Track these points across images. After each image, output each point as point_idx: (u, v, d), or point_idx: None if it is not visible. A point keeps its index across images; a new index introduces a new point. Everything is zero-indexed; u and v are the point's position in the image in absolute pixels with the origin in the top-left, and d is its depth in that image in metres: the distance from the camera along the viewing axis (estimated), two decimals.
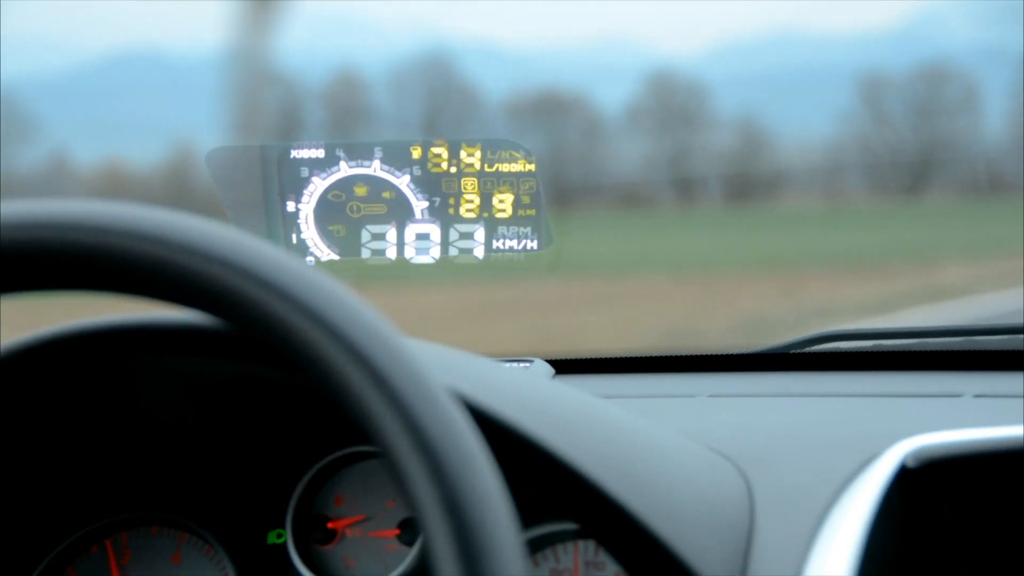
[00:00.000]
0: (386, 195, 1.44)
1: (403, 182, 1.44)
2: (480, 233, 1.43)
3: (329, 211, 1.45)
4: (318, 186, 1.45)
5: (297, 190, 1.45)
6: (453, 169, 1.43)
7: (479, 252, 1.43)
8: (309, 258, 1.45)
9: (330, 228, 1.46)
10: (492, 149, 1.42)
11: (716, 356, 1.53)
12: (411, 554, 1.07)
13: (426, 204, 1.44)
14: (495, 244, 1.43)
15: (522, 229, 1.42)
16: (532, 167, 1.42)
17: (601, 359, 1.56)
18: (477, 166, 1.42)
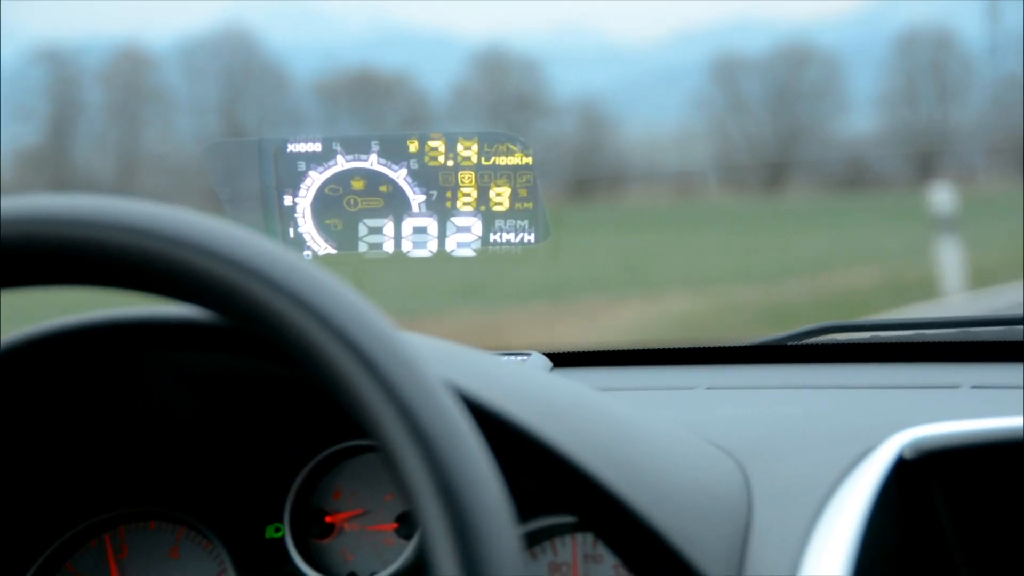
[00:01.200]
0: (383, 189, 1.44)
1: (400, 176, 1.44)
2: (477, 227, 1.43)
3: (326, 205, 1.45)
4: (315, 180, 1.45)
5: (294, 184, 1.45)
6: (450, 163, 1.43)
7: (476, 246, 1.43)
8: (306, 252, 1.45)
9: (327, 222, 1.46)
10: (489, 142, 1.42)
11: (714, 348, 1.53)
12: (409, 547, 1.07)
13: (423, 198, 1.44)
14: (492, 237, 1.43)
15: (519, 222, 1.42)
16: (529, 160, 1.42)
17: (598, 352, 1.56)
18: (474, 159, 1.42)
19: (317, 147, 1.45)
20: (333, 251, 1.46)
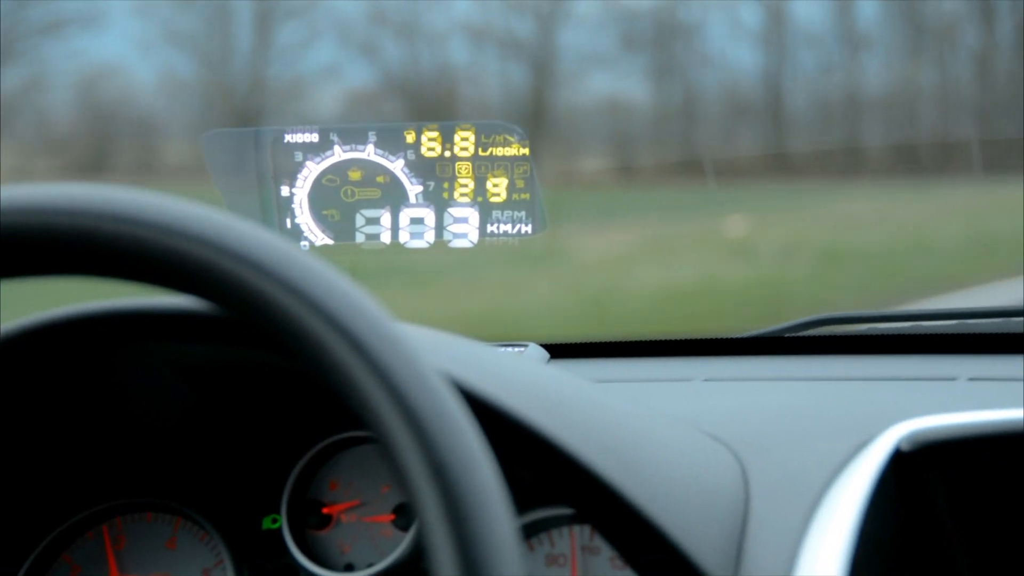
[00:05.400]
0: (380, 179, 1.44)
1: (397, 166, 1.44)
2: (474, 217, 1.43)
3: (323, 195, 1.45)
4: (312, 170, 1.45)
5: (291, 174, 1.45)
6: (447, 153, 1.43)
7: (473, 236, 1.43)
8: (303, 243, 1.45)
9: (324, 213, 1.46)
10: (486, 133, 1.42)
11: (711, 340, 1.53)
12: (406, 539, 1.07)
13: (420, 188, 1.44)
14: (489, 228, 1.43)
15: (516, 213, 1.42)
16: (526, 151, 1.42)
17: (596, 343, 1.56)
18: (471, 150, 1.42)
19: (314, 137, 1.44)
20: (330, 242, 1.46)
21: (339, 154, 1.44)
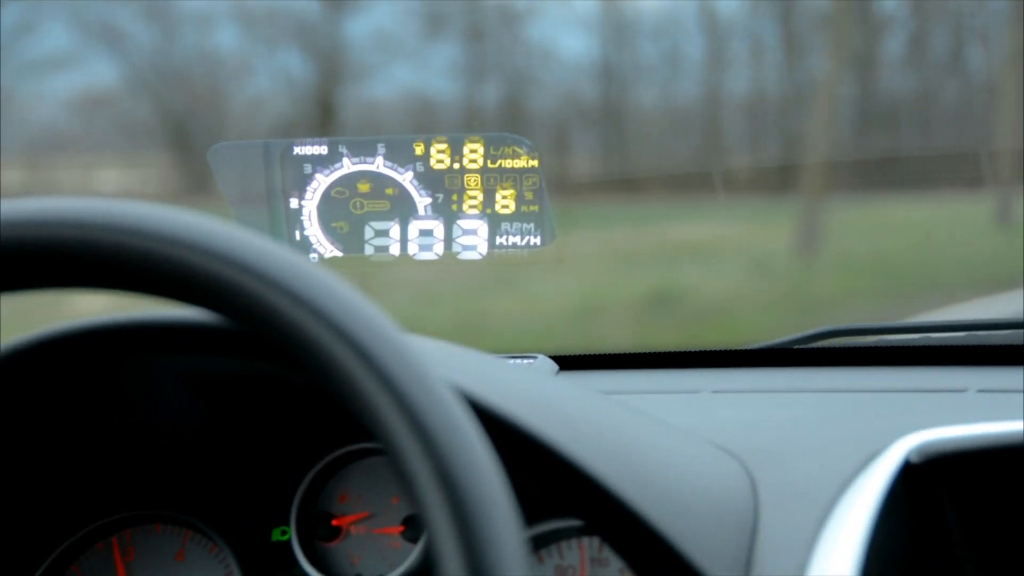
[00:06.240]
0: (389, 191, 1.45)
1: (406, 178, 1.44)
2: (483, 230, 1.43)
3: (332, 208, 1.45)
4: (321, 183, 1.45)
5: (300, 187, 1.45)
6: (456, 165, 1.43)
7: (482, 249, 1.43)
8: (312, 255, 1.45)
9: (333, 225, 1.46)
10: (495, 145, 1.42)
11: (720, 352, 1.53)
12: (415, 551, 1.07)
13: (429, 200, 1.44)
14: (498, 241, 1.43)
15: (525, 225, 1.43)
16: (535, 163, 1.42)
17: (604, 355, 1.56)
18: (480, 162, 1.42)
19: (323, 149, 1.45)
20: (339, 254, 1.46)
21: (348, 166, 1.45)
